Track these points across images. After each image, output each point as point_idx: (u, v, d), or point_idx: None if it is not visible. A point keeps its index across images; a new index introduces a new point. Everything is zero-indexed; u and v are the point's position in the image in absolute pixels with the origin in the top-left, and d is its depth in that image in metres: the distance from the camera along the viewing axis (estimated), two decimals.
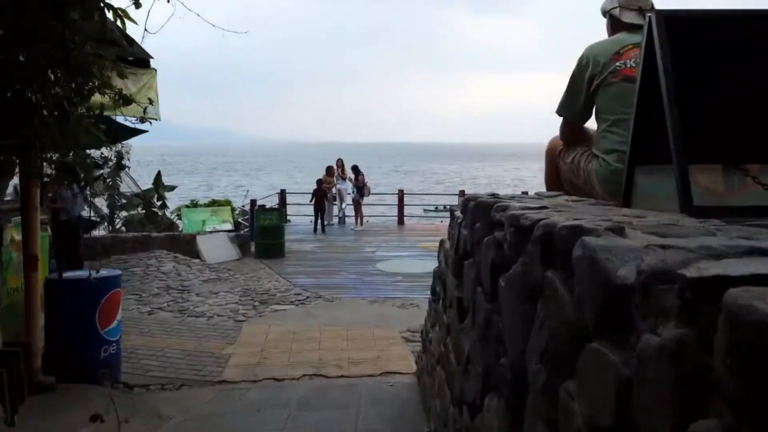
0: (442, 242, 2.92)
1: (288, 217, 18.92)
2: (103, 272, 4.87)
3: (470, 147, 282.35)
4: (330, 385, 4.93)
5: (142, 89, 5.82)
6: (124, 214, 16.83)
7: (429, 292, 9.64)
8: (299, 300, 7.97)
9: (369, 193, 17.68)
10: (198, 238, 12.29)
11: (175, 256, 10.89)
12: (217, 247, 12.45)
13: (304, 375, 5.15)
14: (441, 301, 3.01)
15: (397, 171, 79.48)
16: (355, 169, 17.50)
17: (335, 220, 17.99)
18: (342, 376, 5.13)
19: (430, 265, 11.93)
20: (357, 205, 17.09)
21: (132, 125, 6.17)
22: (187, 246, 12.05)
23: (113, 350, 4.80)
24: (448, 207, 27.14)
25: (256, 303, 7.78)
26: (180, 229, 14.09)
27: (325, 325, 6.68)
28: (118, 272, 4.96)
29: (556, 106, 2.79)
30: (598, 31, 2.93)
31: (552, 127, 2.95)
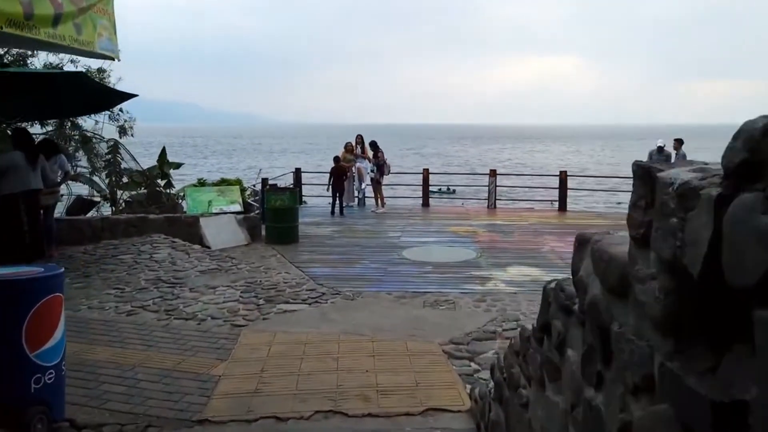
0: (585, 241, 1.45)
1: (304, 198, 17.58)
2: (34, 269, 3.48)
3: (491, 129, 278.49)
4: (353, 430, 3.52)
5: (87, 11, 4.37)
6: (128, 193, 15.64)
7: (465, 286, 8.21)
8: (312, 297, 6.56)
9: (389, 171, 16.17)
10: (201, 220, 10.93)
11: (173, 241, 9.55)
12: (222, 231, 11.11)
13: (316, 412, 3.75)
14: (574, 353, 1.55)
15: (418, 153, 77.81)
16: (374, 145, 15.98)
17: (355, 201, 16.55)
18: (369, 415, 3.72)
19: (463, 252, 10.46)
20: (377, 185, 15.59)
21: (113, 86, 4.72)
22: (189, 230, 10.71)
23: (50, 379, 3.43)
24: (451, 188, 25.33)
25: (261, 301, 6.38)
26: (184, 210, 12.78)
27: (344, 334, 5.27)
28: (59, 269, 3.56)
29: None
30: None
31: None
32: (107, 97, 7.92)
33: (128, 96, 8.27)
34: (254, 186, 14.10)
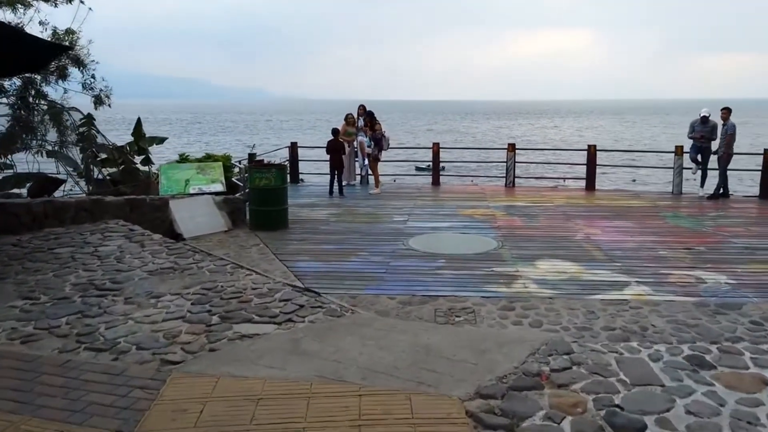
0: None
1: (301, 176, 15.88)
2: None
3: (501, 105, 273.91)
4: None
5: None
6: (106, 171, 14.01)
7: (487, 287, 6.51)
8: (286, 312, 4.86)
9: (388, 146, 14.27)
10: (171, 203, 9.25)
11: (131, 230, 7.88)
12: (197, 216, 9.44)
13: None
14: None
15: (432, 130, 75.69)
16: (371, 116, 14.11)
17: (357, 179, 14.81)
18: None
19: (481, 242, 8.47)
20: (374, 162, 13.71)
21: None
22: (156, 214, 9.07)
23: None
24: (441, 165, 23.61)
25: (214, 319, 4.70)
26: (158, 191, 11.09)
27: (320, 379, 3.58)
28: None
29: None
30: None
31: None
32: (31, 50, 6.17)
33: (60, 48, 6.52)
34: (240, 163, 12.35)
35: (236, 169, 12.58)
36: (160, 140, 15.12)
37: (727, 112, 12.71)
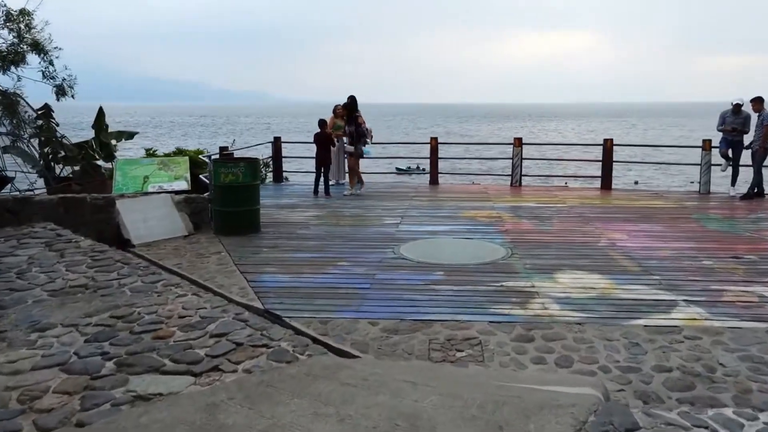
0: None
1: (285, 174, 14.44)
2: None
3: (503, 107, 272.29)
4: None
5: None
6: (66, 169, 12.61)
7: (496, 308, 4.88)
8: (214, 355, 3.40)
9: (371, 140, 12.41)
10: (119, 203, 7.79)
11: (59, 235, 6.44)
12: (151, 218, 7.98)
13: None
14: None
15: (435, 132, 74.28)
16: (350, 107, 12.08)
17: (346, 177, 13.34)
18: None
19: (487, 249, 4.43)
20: (356, 159, 11.85)
21: None
22: (100, 215, 7.62)
23: None
24: (421, 167, 21.92)
25: (107, 366, 3.24)
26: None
27: None
28: None
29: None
30: None
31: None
32: None
33: None
34: (211, 158, 10.89)
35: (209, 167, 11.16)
36: (129, 135, 13.66)
37: (758, 102, 11.27)
